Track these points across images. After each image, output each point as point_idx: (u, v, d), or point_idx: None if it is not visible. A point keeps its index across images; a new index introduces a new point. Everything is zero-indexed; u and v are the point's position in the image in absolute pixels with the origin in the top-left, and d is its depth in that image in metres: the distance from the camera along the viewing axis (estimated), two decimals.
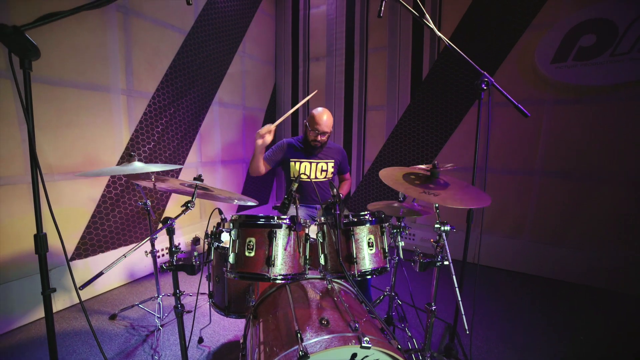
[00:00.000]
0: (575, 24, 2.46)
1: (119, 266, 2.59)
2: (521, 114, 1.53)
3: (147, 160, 2.79)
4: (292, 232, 1.18)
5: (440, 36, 1.53)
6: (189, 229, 3.27)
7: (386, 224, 1.28)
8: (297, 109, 4.22)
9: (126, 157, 1.51)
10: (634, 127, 2.44)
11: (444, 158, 3.30)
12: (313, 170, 2.28)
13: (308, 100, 3.23)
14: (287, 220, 1.18)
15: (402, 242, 1.35)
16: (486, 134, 2.67)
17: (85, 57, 2.28)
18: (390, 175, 1.33)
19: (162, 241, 2.98)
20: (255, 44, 3.95)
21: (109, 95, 2.45)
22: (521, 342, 1.96)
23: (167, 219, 1.20)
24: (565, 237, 2.81)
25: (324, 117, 2.16)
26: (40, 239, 1.02)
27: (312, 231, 1.54)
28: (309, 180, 2.24)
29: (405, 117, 3.47)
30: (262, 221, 1.16)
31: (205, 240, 1.30)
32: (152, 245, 2.03)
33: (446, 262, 1.26)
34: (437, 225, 1.25)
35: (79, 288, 1.01)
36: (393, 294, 1.88)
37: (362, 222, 1.19)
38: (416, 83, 3.38)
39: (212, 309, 1.65)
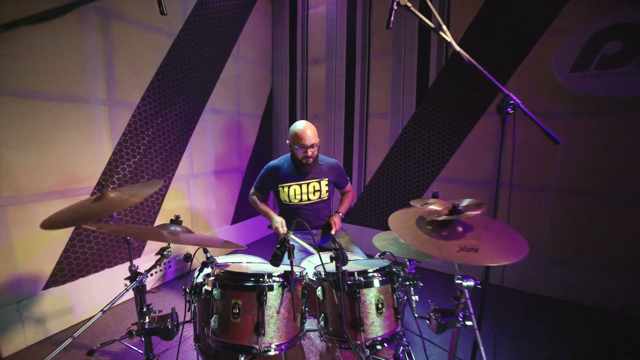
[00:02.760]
0: (599, 29, 2.25)
1: (99, 292, 2.38)
2: (552, 141, 1.34)
3: (132, 174, 2.58)
4: (287, 292, 0.99)
5: (464, 55, 1.32)
6: (179, 246, 3.06)
7: (399, 279, 1.09)
8: (285, 131, 4.02)
9: (100, 188, 1.31)
10: None
11: (451, 171, 3.11)
12: (304, 192, 2.08)
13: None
14: (280, 278, 0.98)
15: (417, 297, 1.16)
16: (499, 149, 2.44)
17: (60, 66, 2.06)
18: (400, 224, 1.13)
19: (146, 261, 2.78)
20: (251, 45, 3.73)
21: (88, 107, 2.24)
22: None
23: (136, 274, 1.00)
24: (581, 257, 2.62)
25: (308, 131, 1.97)
26: None
27: (311, 261, 1.34)
28: (301, 205, 2.07)
29: (410, 126, 3.27)
30: (250, 283, 0.96)
31: (185, 296, 1.10)
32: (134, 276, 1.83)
33: (469, 323, 1.07)
34: (458, 281, 1.06)
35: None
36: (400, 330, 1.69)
37: (370, 284, 1.00)
38: (422, 90, 3.17)
39: (199, 356, 1.47)
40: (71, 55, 2.11)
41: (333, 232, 1.96)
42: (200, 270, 1.33)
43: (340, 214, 2.10)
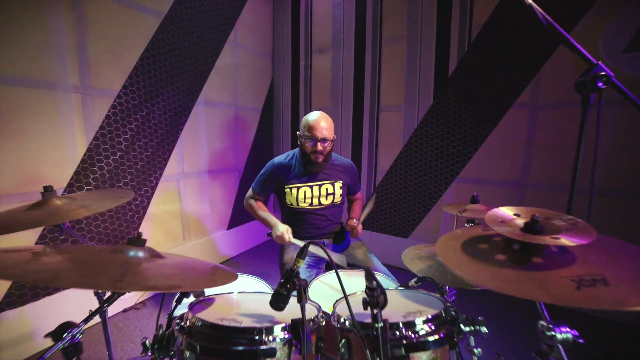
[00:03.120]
0: None
1: (69, 313, 2.02)
2: None
3: (112, 174, 2.23)
4: (295, 355, 0.64)
5: (537, 10, 0.96)
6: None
7: (460, 325, 0.74)
8: (298, 120, 3.68)
9: (43, 192, 0.98)
10: None
11: (474, 170, 2.76)
12: (316, 195, 1.75)
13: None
14: (286, 333, 0.63)
15: (480, 350, 0.80)
16: (528, 144, 2.06)
17: (17, 43, 1.72)
18: (459, 259, 0.77)
19: None
20: (249, 32, 3.39)
21: (55, 94, 1.89)
22: None
23: (66, 325, 0.65)
24: None
25: (322, 122, 1.63)
26: None
27: (324, 285, 0.99)
28: (310, 209, 1.74)
29: (427, 120, 2.92)
30: (240, 345, 0.61)
31: (144, 355, 0.75)
32: (101, 303, 1.48)
33: None
34: (548, 333, 0.71)
35: None
36: None
37: (424, 345, 0.65)
38: (441, 80, 2.82)
39: None
40: (31, 31, 1.76)
41: (358, 239, 1.63)
42: (178, 302, 0.99)
43: (355, 220, 1.76)
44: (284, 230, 1.57)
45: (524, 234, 0.77)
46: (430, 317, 0.70)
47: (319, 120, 1.63)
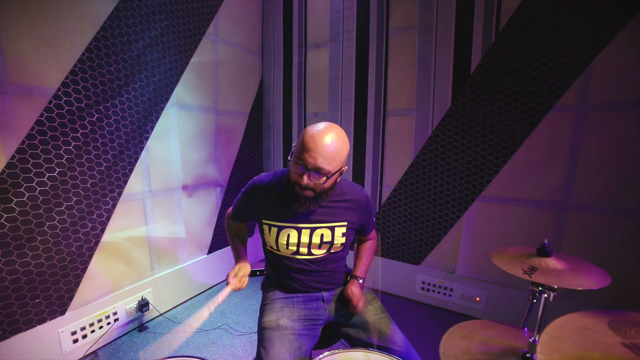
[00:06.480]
0: None
1: None
2: None
3: (51, 195, 1.74)
4: None
5: None
6: (132, 289, 2.22)
7: None
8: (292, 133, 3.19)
9: None
10: None
11: (500, 187, 2.27)
12: (304, 242, 1.20)
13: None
14: None
15: None
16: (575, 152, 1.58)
17: None
18: None
19: (73, 319, 1.93)
20: (234, 24, 2.91)
21: None
22: None
23: None
24: None
25: (323, 139, 0.99)
26: None
27: None
28: (296, 258, 1.25)
29: (444, 126, 2.43)
30: None
31: None
32: None
33: None
34: None
35: None
36: None
37: None
38: (461, 78, 2.34)
39: None
40: None
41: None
42: None
43: (360, 281, 1.29)
44: (231, 272, 1.23)
45: None
46: None
47: (320, 138, 0.99)
